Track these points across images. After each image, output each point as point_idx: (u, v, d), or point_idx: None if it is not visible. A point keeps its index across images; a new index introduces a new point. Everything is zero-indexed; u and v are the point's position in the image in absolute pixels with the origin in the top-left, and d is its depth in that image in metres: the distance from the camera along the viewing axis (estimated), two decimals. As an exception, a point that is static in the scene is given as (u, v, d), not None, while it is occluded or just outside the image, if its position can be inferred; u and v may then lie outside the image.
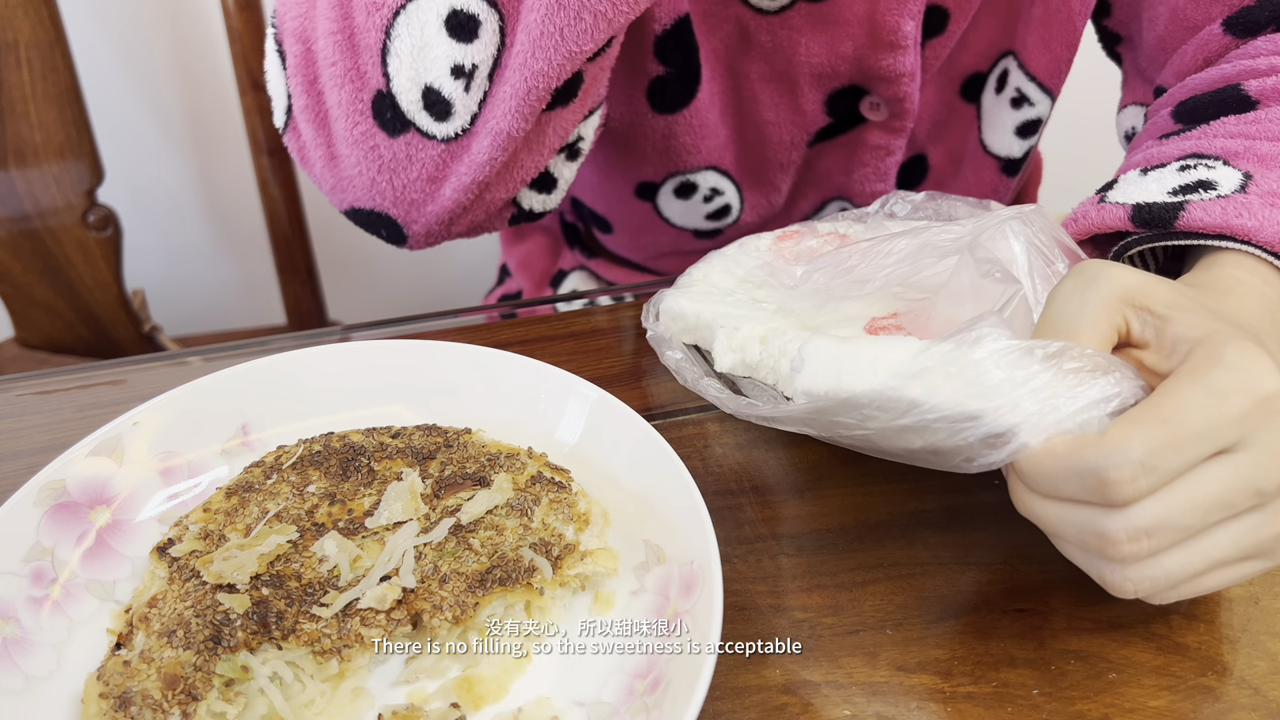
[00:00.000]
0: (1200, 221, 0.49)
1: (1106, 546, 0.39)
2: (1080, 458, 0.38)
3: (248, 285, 1.43)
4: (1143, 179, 0.53)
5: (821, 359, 0.47)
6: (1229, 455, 0.38)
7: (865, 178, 0.77)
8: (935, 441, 0.42)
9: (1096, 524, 0.39)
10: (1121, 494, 0.37)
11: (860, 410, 0.43)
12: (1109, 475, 0.37)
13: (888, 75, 0.70)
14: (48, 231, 1.01)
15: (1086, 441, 0.38)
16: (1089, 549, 0.40)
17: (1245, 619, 0.47)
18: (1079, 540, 0.40)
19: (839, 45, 0.68)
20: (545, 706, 0.43)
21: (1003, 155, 0.78)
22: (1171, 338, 0.40)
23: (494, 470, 0.49)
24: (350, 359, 0.54)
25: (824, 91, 0.71)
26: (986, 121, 0.77)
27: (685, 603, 0.44)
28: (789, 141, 0.74)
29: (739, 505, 0.52)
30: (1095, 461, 0.37)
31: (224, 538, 0.47)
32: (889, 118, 0.73)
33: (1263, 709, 0.43)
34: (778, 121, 0.73)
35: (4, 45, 0.92)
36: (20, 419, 0.58)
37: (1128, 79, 0.73)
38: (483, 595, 0.44)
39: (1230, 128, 0.54)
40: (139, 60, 1.24)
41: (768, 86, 0.72)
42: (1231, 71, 0.57)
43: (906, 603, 0.48)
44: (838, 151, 0.76)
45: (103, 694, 0.41)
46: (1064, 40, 0.72)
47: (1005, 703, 0.44)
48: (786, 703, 0.44)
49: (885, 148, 0.75)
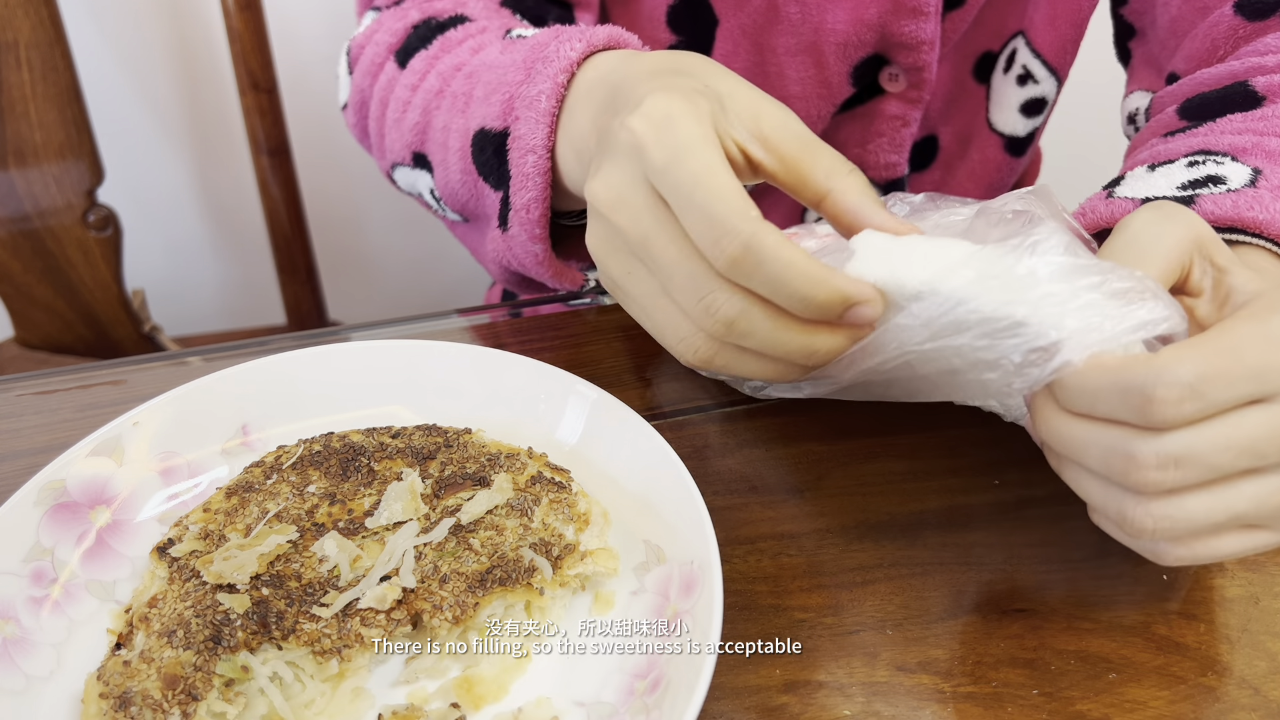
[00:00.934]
0: (1211, 215, 0.48)
1: (1132, 470, 0.38)
2: (1130, 373, 0.37)
3: (248, 285, 1.43)
4: (1150, 175, 0.53)
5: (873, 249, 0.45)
6: (1270, 404, 0.38)
7: (881, 148, 0.78)
8: (978, 355, 0.41)
9: (1126, 445, 0.38)
10: (1164, 414, 0.37)
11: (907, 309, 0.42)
12: (1156, 393, 0.36)
13: (909, 42, 0.72)
14: (48, 231, 1.01)
15: (1138, 359, 0.38)
16: (1112, 472, 0.39)
17: (1245, 619, 0.47)
18: (1103, 462, 0.39)
19: (864, 11, 0.71)
20: (545, 707, 0.43)
21: (1007, 133, 0.80)
22: (1227, 288, 0.41)
23: (494, 470, 0.49)
24: (350, 359, 0.54)
25: (849, 62, 0.73)
26: (994, 99, 0.80)
27: (685, 603, 0.44)
28: (815, 115, 0.76)
29: (739, 505, 0.52)
30: (1145, 378, 0.37)
31: (224, 538, 0.47)
32: (907, 88, 0.75)
33: (1263, 709, 0.43)
34: (804, 95, 0.75)
35: (4, 45, 0.92)
36: (20, 419, 0.58)
37: (1135, 69, 0.73)
38: (483, 595, 0.44)
39: (1237, 124, 0.54)
40: (139, 60, 1.24)
41: (795, 60, 0.73)
42: (1239, 68, 0.57)
43: (906, 603, 0.48)
44: (855, 123, 0.78)
45: (103, 694, 0.41)
46: (1070, 19, 0.74)
47: (1005, 703, 0.44)
48: (786, 703, 0.44)
49: (902, 118, 0.77)
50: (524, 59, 0.55)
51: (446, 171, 0.60)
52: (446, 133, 0.60)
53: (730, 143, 0.43)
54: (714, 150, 0.42)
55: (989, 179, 0.83)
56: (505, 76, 0.55)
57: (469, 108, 0.58)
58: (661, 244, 0.43)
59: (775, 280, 0.40)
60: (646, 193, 0.43)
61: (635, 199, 0.43)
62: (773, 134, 0.44)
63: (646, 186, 0.43)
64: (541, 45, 0.54)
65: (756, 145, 0.44)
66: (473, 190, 0.59)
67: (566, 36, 0.53)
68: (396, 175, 0.66)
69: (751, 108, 0.44)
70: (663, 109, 0.42)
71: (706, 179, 0.41)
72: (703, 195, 0.40)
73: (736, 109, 0.44)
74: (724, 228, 0.40)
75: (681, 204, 0.41)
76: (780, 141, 0.44)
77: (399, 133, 0.63)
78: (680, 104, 0.42)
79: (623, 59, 0.51)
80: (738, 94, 0.45)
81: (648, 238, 0.43)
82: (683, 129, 0.42)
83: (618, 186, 0.44)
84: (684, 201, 0.41)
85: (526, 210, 0.54)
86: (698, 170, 0.41)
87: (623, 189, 0.44)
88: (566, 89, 0.52)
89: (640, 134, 0.42)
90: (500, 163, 0.55)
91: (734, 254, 0.40)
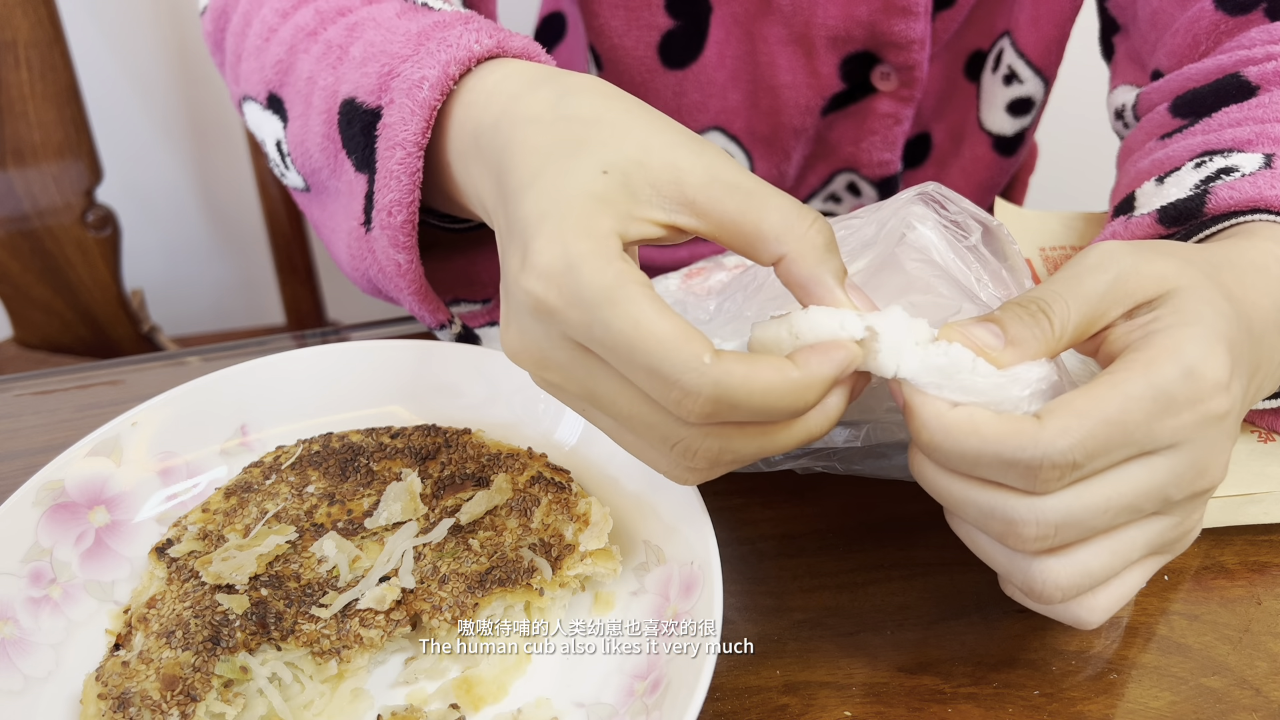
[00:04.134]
0: (1229, 200, 0.47)
1: (1010, 534, 0.37)
2: (1015, 447, 0.35)
3: (247, 285, 1.43)
4: (1161, 188, 0.53)
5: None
6: (1149, 458, 0.37)
7: (874, 146, 0.79)
8: None
9: (1005, 509, 0.37)
10: (1047, 488, 0.36)
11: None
12: (1040, 470, 0.35)
13: (899, 41, 0.72)
14: (46, 231, 1.01)
15: (1021, 429, 0.36)
16: (991, 533, 0.38)
17: (1246, 619, 0.47)
18: (980, 523, 0.39)
19: (854, 8, 0.71)
20: (545, 707, 0.43)
21: (995, 132, 0.81)
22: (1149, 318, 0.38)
23: (493, 471, 0.49)
24: (350, 359, 0.54)
25: (839, 55, 0.74)
26: (984, 98, 0.81)
27: (685, 603, 0.44)
28: (804, 105, 0.77)
29: (739, 505, 0.52)
30: (1031, 454, 0.35)
31: (223, 538, 0.47)
32: (899, 86, 0.76)
33: (1263, 709, 0.43)
34: (794, 85, 0.76)
35: (3, 45, 0.92)
36: (19, 419, 0.58)
37: (1119, 65, 0.73)
38: (482, 596, 0.44)
39: (1235, 115, 0.53)
40: (139, 60, 1.24)
41: (786, 50, 0.74)
42: (1227, 61, 0.56)
43: (906, 603, 0.48)
44: (848, 121, 0.78)
45: (101, 694, 0.41)
46: (1053, 19, 0.75)
47: (1005, 703, 0.44)
48: (787, 703, 0.44)
49: (894, 116, 0.77)
50: (419, 31, 0.48)
51: (305, 129, 0.52)
52: (311, 85, 0.51)
53: (650, 228, 0.38)
54: (634, 290, 0.35)
55: (980, 177, 0.83)
56: (391, 44, 0.48)
57: (341, 66, 0.50)
58: (610, 398, 0.38)
59: (758, 412, 0.36)
60: (572, 349, 0.37)
61: (561, 357, 0.38)
62: (700, 195, 0.37)
63: (569, 343, 0.37)
64: (443, 25, 0.47)
65: (684, 215, 0.38)
66: (333, 161, 0.51)
67: (476, 25, 0.46)
68: (245, 110, 0.58)
69: (669, 170, 0.37)
70: (558, 260, 0.36)
71: (638, 335, 0.35)
72: (643, 355, 0.35)
73: (651, 178, 0.37)
74: (682, 388, 0.35)
75: (622, 364, 0.36)
76: (711, 202, 0.37)
77: (257, 64, 0.55)
78: (576, 241, 0.36)
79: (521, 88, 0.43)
80: (650, 154, 0.38)
81: (591, 394, 0.38)
82: (589, 279, 0.35)
83: (537, 345, 0.38)
84: (624, 363, 0.36)
85: (389, 212, 0.47)
86: (624, 328, 0.35)
87: (544, 348, 0.38)
88: (457, 84, 0.45)
89: (543, 297, 0.36)
90: (368, 144, 0.48)
91: (703, 410, 0.35)
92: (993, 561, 0.40)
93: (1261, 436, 0.52)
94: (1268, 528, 0.50)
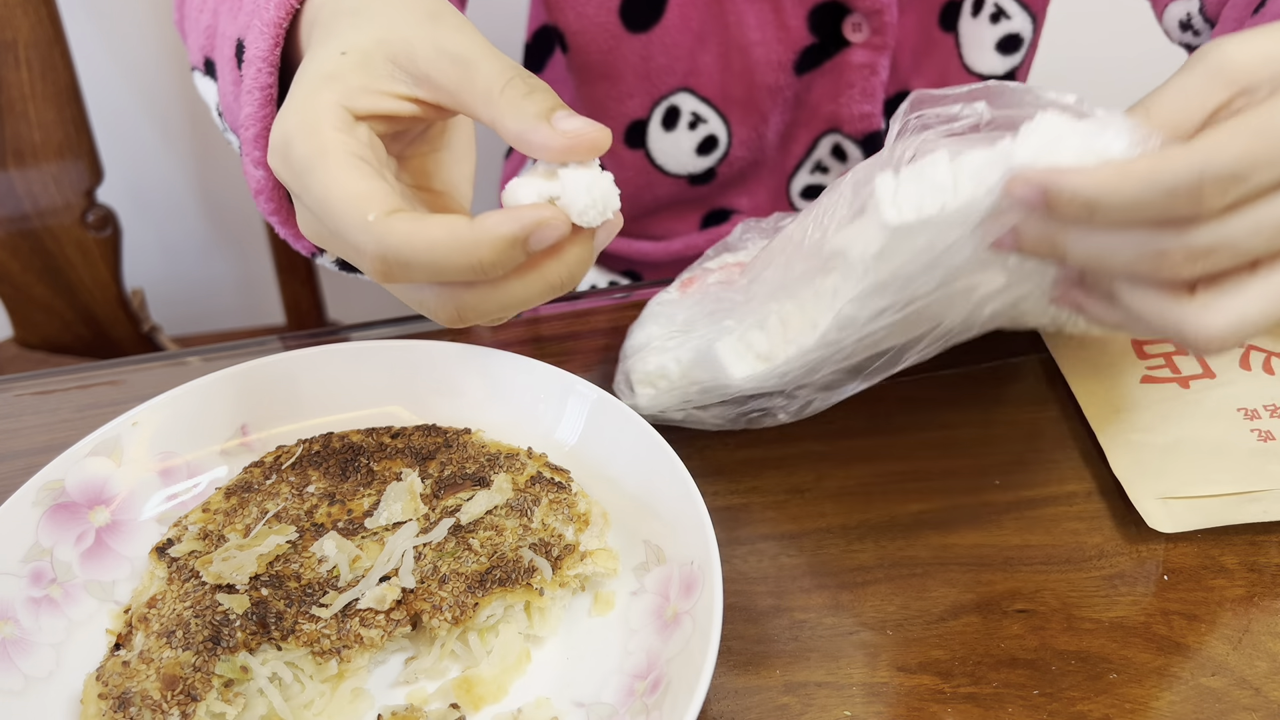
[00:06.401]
0: None
1: (1163, 264, 0.37)
2: (1172, 171, 0.35)
3: (247, 285, 1.43)
4: None
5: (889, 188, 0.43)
6: None
7: (853, 99, 0.79)
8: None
9: (1158, 242, 0.37)
10: (1212, 206, 0.36)
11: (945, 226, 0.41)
12: (1205, 189, 0.35)
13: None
14: (46, 231, 1.01)
15: (1171, 155, 0.36)
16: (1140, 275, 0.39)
17: (1245, 619, 0.47)
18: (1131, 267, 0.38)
19: None
20: (545, 707, 0.43)
21: (985, 74, 0.81)
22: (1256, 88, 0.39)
23: (494, 470, 0.49)
24: (350, 359, 0.54)
25: (806, 6, 0.74)
26: (966, 44, 0.80)
27: (685, 603, 0.44)
28: (776, 62, 0.77)
29: (739, 505, 0.52)
30: (1190, 172, 0.35)
31: (223, 538, 0.47)
32: (870, 35, 0.76)
33: (1263, 709, 0.43)
34: (764, 41, 0.76)
35: (3, 44, 0.92)
36: (19, 419, 0.58)
37: None
38: (482, 596, 0.44)
39: None
40: (139, 60, 1.24)
41: (753, 6, 0.74)
42: None
43: (906, 603, 0.48)
44: (825, 78, 0.79)
45: (102, 694, 0.41)
46: None
47: (1005, 703, 0.44)
48: (787, 703, 0.44)
49: (870, 66, 0.77)
50: None
51: (223, 84, 0.54)
52: (224, 40, 0.53)
53: (390, 100, 0.39)
54: (333, 158, 0.37)
55: None
56: None
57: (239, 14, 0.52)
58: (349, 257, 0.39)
59: (431, 268, 0.37)
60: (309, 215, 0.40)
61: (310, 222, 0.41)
62: (430, 68, 0.39)
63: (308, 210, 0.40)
64: None
65: (420, 88, 0.40)
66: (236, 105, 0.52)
67: None
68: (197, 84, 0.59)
69: (404, 45, 0.40)
70: (279, 136, 0.39)
71: (327, 197, 0.37)
72: (329, 217, 0.37)
73: (389, 53, 0.40)
74: (354, 247, 0.37)
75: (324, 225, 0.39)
76: (438, 74, 0.39)
77: (196, 33, 0.57)
78: (290, 115, 0.39)
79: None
80: (393, 32, 0.40)
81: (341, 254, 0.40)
82: (296, 149, 0.38)
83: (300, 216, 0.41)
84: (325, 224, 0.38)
85: (245, 127, 0.48)
86: (319, 191, 0.37)
87: (302, 216, 0.41)
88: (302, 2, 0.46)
89: (278, 170, 0.39)
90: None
91: (374, 268, 0.37)
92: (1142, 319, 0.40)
93: (1261, 436, 0.52)
94: (1267, 527, 0.50)
